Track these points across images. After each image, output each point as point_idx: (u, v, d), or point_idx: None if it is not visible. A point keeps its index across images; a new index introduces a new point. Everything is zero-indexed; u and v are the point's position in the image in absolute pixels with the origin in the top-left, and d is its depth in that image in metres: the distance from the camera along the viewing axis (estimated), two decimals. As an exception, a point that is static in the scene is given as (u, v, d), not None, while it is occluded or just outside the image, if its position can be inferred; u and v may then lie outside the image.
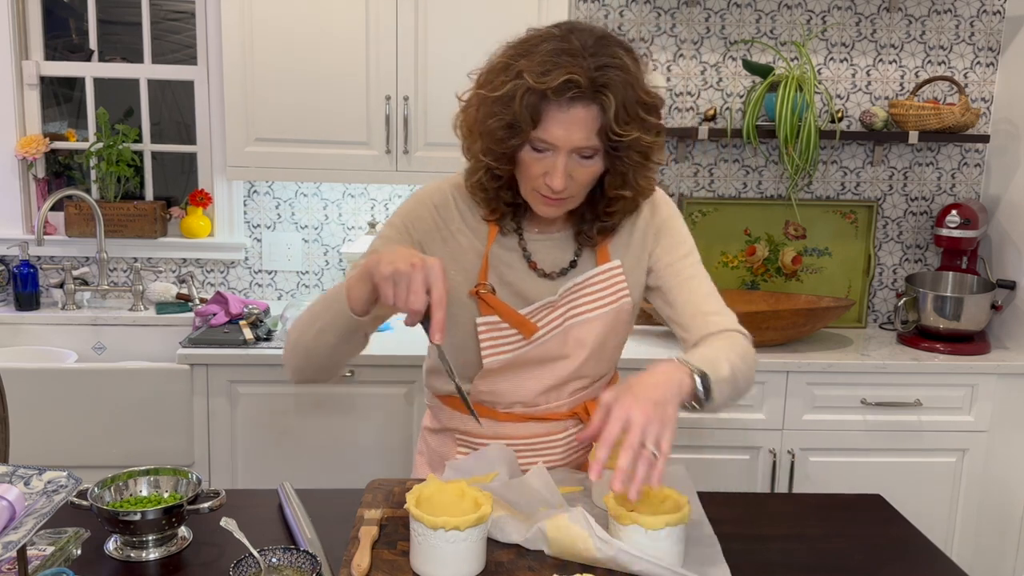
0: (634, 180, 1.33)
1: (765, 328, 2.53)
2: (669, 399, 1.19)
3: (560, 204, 1.32)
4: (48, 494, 1.12)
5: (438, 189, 1.43)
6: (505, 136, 1.26)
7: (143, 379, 2.40)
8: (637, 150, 1.29)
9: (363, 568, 1.22)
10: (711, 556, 1.30)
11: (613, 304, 1.43)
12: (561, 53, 1.21)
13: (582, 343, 1.42)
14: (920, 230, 2.98)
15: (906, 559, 1.36)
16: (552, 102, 1.22)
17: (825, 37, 2.85)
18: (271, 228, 2.97)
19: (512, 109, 1.23)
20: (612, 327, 1.45)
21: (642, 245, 1.47)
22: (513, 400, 1.46)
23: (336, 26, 2.50)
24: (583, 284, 1.42)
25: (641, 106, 1.26)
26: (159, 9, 2.99)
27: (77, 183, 3.03)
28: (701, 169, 2.90)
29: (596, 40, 1.24)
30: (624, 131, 1.24)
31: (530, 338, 1.40)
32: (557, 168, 1.25)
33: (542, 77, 1.20)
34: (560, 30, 1.26)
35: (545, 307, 1.41)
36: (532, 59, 1.22)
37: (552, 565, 1.27)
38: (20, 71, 2.86)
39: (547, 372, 1.44)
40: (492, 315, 1.39)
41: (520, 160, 1.29)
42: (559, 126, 1.23)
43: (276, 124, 2.55)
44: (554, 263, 1.43)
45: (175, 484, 1.39)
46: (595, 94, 1.22)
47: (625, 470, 1.11)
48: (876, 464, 2.57)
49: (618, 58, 1.24)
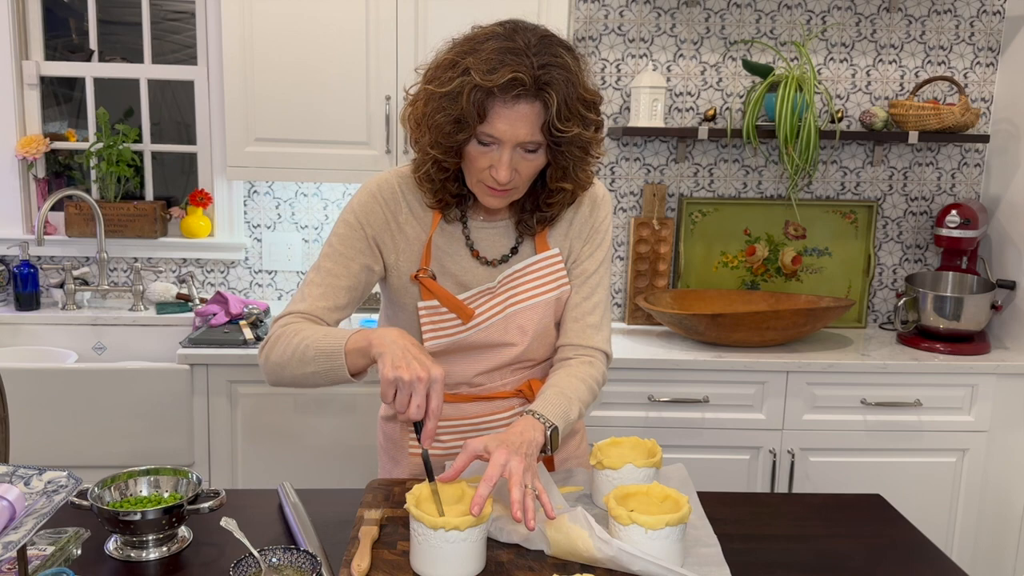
0: (574, 173, 1.39)
1: (765, 328, 2.53)
2: (531, 452, 1.30)
3: (505, 195, 1.38)
4: (48, 494, 1.12)
5: (386, 181, 1.47)
6: (452, 130, 1.31)
7: (143, 379, 2.40)
8: (578, 145, 1.35)
9: (363, 568, 1.22)
10: (711, 556, 1.30)
11: (553, 291, 1.48)
12: (506, 52, 1.27)
13: (524, 330, 1.47)
14: (920, 230, 2.99)
15: (906, 559, 1.36)
16: (497, 99, 1.27)
17: (825, 37, 2.85)
18: (271, 228, 2.97)
19: (459, 105, 1.28)
20: (553, 313, 1.49)
21: (579, 236, 1.53)
22: (459, 381, 1.50)
23: (336, 26, 2.50)
24: (522, 271, 1.47)
25: (581, 103, 1.32)
26: (159, 9, 3.00)
27: (77, 183, 3.03)
28: (701, 169, 2.90)
29: (539, 40, 1.30)
30: (565, 127, 1.30)
31: (468, 323, 1.45)
32: (502, 161, 1.31)
33: (488, 75, 1.26)
34: (504, 29, 1.32)
35: (484, 293, 1.46)
36: (478, 57, 1.27)
37: (552, 565, 1.27)
38: (20, 71, 2.87)
39: (491, 356, 1.49)
40: (432, 300, 1.44)
41: (466, 153, 1.34)
42: (504, 121, 1.28)
43: (276, 124, 2.56)
44: (495, 251, 1.48)
45: (175, 484, 1.39)
46: (539, 91, 1.27)
47: (519, 501, 1.21)
48: (876, 464, 2.57)
49: (560, 57, 1.29)
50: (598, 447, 1.49)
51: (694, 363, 2.49)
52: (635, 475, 1.43)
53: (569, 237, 1.52)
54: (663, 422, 2.50)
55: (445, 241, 1.46)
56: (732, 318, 2.50)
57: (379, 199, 1.46)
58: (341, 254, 1.44)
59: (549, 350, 1.54)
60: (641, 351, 2.55)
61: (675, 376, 2.50)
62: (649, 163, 2.88)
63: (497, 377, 1.52)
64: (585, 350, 1.50)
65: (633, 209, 2.91)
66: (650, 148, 2.88)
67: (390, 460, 1.66)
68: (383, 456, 1.68)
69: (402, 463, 1.64)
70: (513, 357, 1.49)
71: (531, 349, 1.50)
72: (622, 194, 2.90)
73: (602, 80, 2.83)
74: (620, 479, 1.43)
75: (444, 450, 1.56)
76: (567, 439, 1.63)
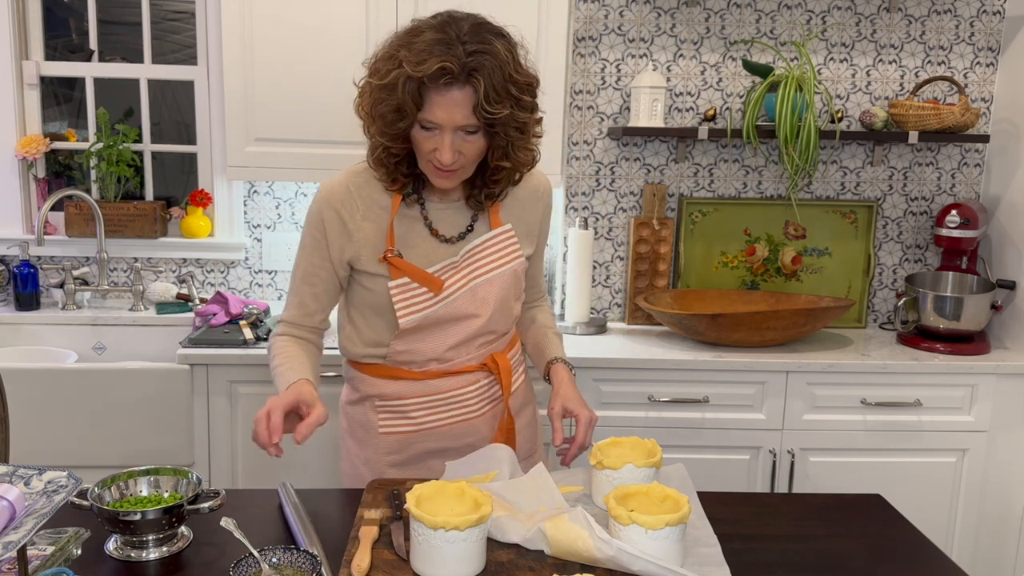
0: (513, 152, 1.48)
1: (765, 328, 2.53)
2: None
3: (452, 175, 1.48)
4: (48, 494, 1.12)
5: (337, 186, 1.57)
6: (395, 119, 1.42)
7: (143, 379, 2.40)
8: (513, 126, 1.44)
9: (363, 568, 1.22)
10: (711, 556, 1.30)
11: (509, 264, 1.60)
12: (437, 43, 1.37)
13: (486, 301, 1.58)
14: (920, 230, 2.99)
15: (906, 559, 1.36)
16: (430, 87, 1.38)
17: (825, 37, 2.85)
18: (271, 228, 2.97)
19: (396, 95, 1.39)
20: (511, 285, 1.62)
21: (533, 217, 1.66)
22: (428, 357, 1.60)
23: (336, 26, 2.50)
24: (481, 246, 1.58)
25: (513, 85, 1.41)
26: (159, 9, 3.00)
27: (77, 183, 3.03)
28: (701, 169, 2.90)
29: (471, 28, 1.40)
30: (496, 109, 1.39)
31: (439, 293, 1.55)
32: (444, 144, 1.42)
33: (418, 66, 1.36)
34: (438, 20, 1.42)
35: (448, 267, 1.56)
36: (411, 49, 1.38)
37: (552, 565, 1.27)
38: (20, 71, 2.87)
39: (458, 329, 1.59)
40: (402, 277, 1.53)
41: (413, 138, 1.45)
42: (440, 108, 1.39)
43: (276, 124, 2.56)
44: (453, 228, 1.58)
45: (175, 484, 1.39)
46: (467, 78, 1.37)
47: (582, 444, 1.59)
48: (876, 464, 2.57)
49: (490, 44, 1.39)
50: (598, 447, 1.49)
51: (694, 363, 2.49)
52: (635, 475, 1.43)
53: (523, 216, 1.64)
54: (663, 422, 2.50)
55: (405, 225, 1.56)
56: (732, 318, 2.50)
57: (331, 206, 1.55)
58: (308, 266, 1.59)
59: (508, 323, 1.66)
60: (641, 351, 2.55)
61: (675, 376, 2.50)
62: (649, 163, 2.89)
63: (464, 352, 1.61)
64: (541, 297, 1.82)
65: (633, 209, 2.91)
66: (650, 148, 2.88)
67: (357, 443, 1.72)
68: (348, 439, 1.74)
69: (370, 444, 1.69)
70: (477, 329, 1.59)
71: (493, 320, 1.61)
72: (622, 194, 2.90)
73: (602, 80, 2.83)
74: (620, 479, 1.43)
75: (415, 427, 1.65)
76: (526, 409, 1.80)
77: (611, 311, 2.97)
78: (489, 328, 1.61)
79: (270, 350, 1.61)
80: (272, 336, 1.64)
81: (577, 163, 2.88)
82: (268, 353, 1.62)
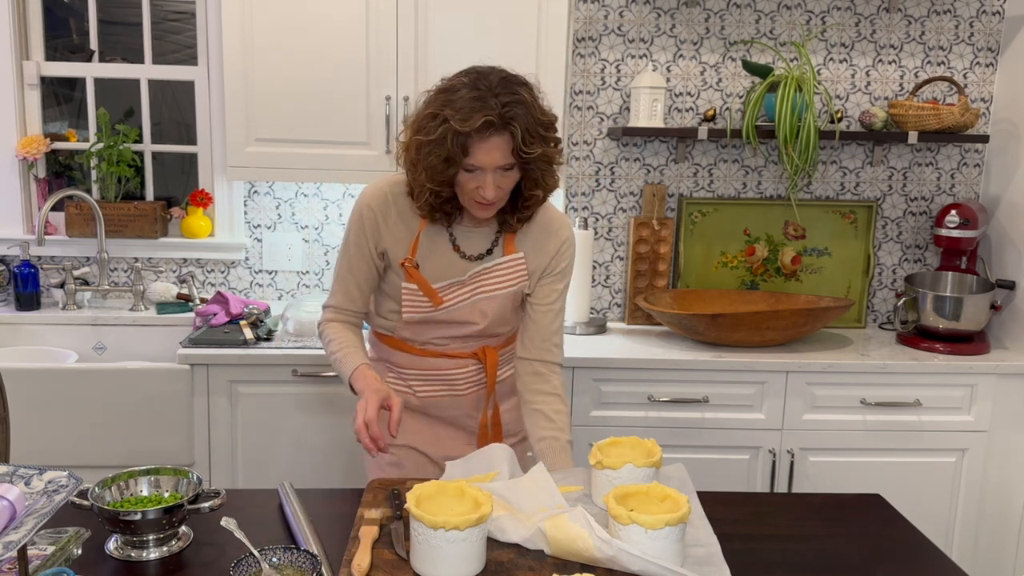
0: (543, 181, 1.70)
1: (765, 328, 2.53)
2: None
3: (492, 207, 1.69)
4: (49, 494, 1.12)
5: (379, 190, 1.77)
6: (443, 167, 1.61)
7: (143, 379, 2.40)
8: (543, 160, 1.65)
9: (363, 568, 1.22)
10: (711, 556, 1.30)
11: (514, 286, 1.79)
12: (475, 99, 1.56)
13: (485, 314, 1.78)
14: (920, 230, 2.99)
15: (906, 559, 1.37)
16: (474, 138, 1.57)
17: (825, 37, 2.85)
18: (271, 228, 2.97)
19: (445, 147, 1.59)
20: (511, 302, 1.80)
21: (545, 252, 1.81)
22: (426, 341, 1.81)
23: (336, 26, 2.50)
24: (491, 269, 1.77)
25: (541, 127, 1.62)
26: (159, 9, 3.00)
27: (78, 183, 3.04)
28: (701, 169, 2.91)
29: (499, 81, 1.59)
30: (531, 149, 1.60)
31: (438, 307, 1.76)
32: (488, 183, 1.62)
33: (464, 122, 1.55)
34: (469, 78, 1.61)
35: (455, 284, 1.76)
36: (454, 107, 1.57)
37: (552, 565, 1.27)
38: (21, 71, 2.87)
39: (455, 330, 1.79)
40: (412, 283, 1.75)
41: (457, 181, 1.65)
42: (483, 153, 1.59)
43: (276, 124, 2.56)
44: (475, 248, 1.78)
45: (175, 484, 1.39)
46: (505, 125, 1.57)
47: None
48: (876, 464, 2.57)
49: (519, 94, 1.59)
50: (598, 447, 1.50)
51: (694, 363, 2.49)
52: (635, 475, 1.44)
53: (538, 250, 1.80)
54: (663, 422, 2.50)
55: (431, 238, 1.76)
56: (732, 318, 2.50)
57: (371, 207, 1.76)
58: (351, 257, 1.79)
59: (505, 328, 1.83)
60: (641, 351, 2.55)
61: (675, 376, 2.50)
62: (649, 163, 2.89)
63: (459, 343, 1.81)
64: (551, 367, 1.83)
65: (633, 209, 2.91)
66: (650, 148, 2.88)
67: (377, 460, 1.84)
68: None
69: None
70: (474, 332, 1.79)
71: (490, 327, 1.79)
72: (622, 194, 2.90)
73: (602, 80, 2.83)
74: (620, 479, 1.43)
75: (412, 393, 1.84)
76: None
77: (611, 311, 2.97)
78: (484, 333, 1.80)
79: (323, 336, 1.82)
80: (322, 323, 1.83)
81: (577, 163, 2.88)
82: (322, 339, 1.83)
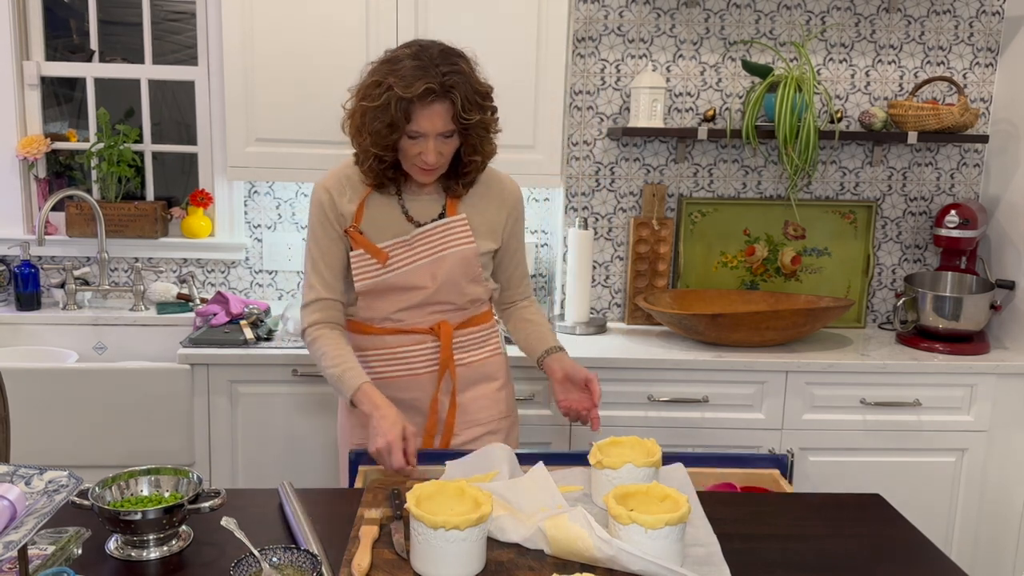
0: (481, 147, 1.80)
1: (765, 328, 2.53)
2: None
3: (433, 173, 1.79)
4: (49, 494, 1.12)
5: (330, 173, 1.88)
6: (387, 132, 1.72)
7: (143, 379, 2.41)
8: (481, 127, 1.77)
9: (363, 568, 1.23)
10: (711, 556, 1.30)
11: (458, 247, 1.84)
12: (417, 68, 1.68)
13: (433, 276, 1.84)
14: (919, 230, 2.99)
15: (906, 559, 1.37)
16: (416, 104, 1.68)
17: (824, 38, 2.85)
18: (271, 228, 2.97)
19: (389, 113, 1.69)
20: (460, 267, 1.86)
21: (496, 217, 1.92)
22: (384, 316, 1.88)
23: (336, 26, 2.51)
24: (432, 230, 1.85)
25: (479, 95, 1.74)
26: (159, 9, 3.00)
27: (78, 183, 3.04)
28: (700, 169, 2.91)
29: (440, 52, 1.71)
30: (470, 116, 1.72)
31: (384, 264, 1.83)
32: (429, 148, 1.73)
33: (407, 88, 1.67)
34: (412, 49, 1.72)
35: (400, 244, 1.84)
36: (398, 75, 1.68)
37: (552, 565, 1.27)
38: (21, 71, 2.87)
39: (408, 296, 1.85)
40: (358, 249, 1.83)
41: (400, 147, 1.75)
42: (425, 119, 1.70)
43: (276, 124, 2.56)
44: (425, 214, 1.87)
45: (176, 484, 1.39)
46: (446, 93, 1.69)
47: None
48: (876, 464, 2.57)
49: (458, 65, 1.71)
50: (598, 446, 1.50)
51: (694, 363, 2.49)
52: (635, 475, 1.44)
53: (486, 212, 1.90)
54: (663, 422, 2.50)
55: (383, 209, 1.85)
56: (732, 318, 2.50)
57: (325, 189, 1.86)
58: (320, 242, 1.86)
59: (460, 299, 1.89)
60: (641, 351, 2.55)
61: (675, 376, 2.50)
62: (649, 163, 2.89)
63: (415, 315, 1.87)
64: (527, 299, 2.06)
65: (633, 209, 2.91)
66: (650, 148, 2.88)
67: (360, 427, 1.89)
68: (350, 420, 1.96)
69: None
70: (424, 298, 1.85)
71: (440, 293, 1.85)
72: (622, 194, 2.90)
73: (602, 80, 2.83)
74: (620, 479, 1.43)
75: (373, 376, 1.85)
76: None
77: (611, 311, 2.97)
78: (436, 299, 1.86)
79: (312, 345, 1.84)
80: (308, 329, 1.86)
81: (577, 163, 2.88)
82: (311, 348, 1.85)
